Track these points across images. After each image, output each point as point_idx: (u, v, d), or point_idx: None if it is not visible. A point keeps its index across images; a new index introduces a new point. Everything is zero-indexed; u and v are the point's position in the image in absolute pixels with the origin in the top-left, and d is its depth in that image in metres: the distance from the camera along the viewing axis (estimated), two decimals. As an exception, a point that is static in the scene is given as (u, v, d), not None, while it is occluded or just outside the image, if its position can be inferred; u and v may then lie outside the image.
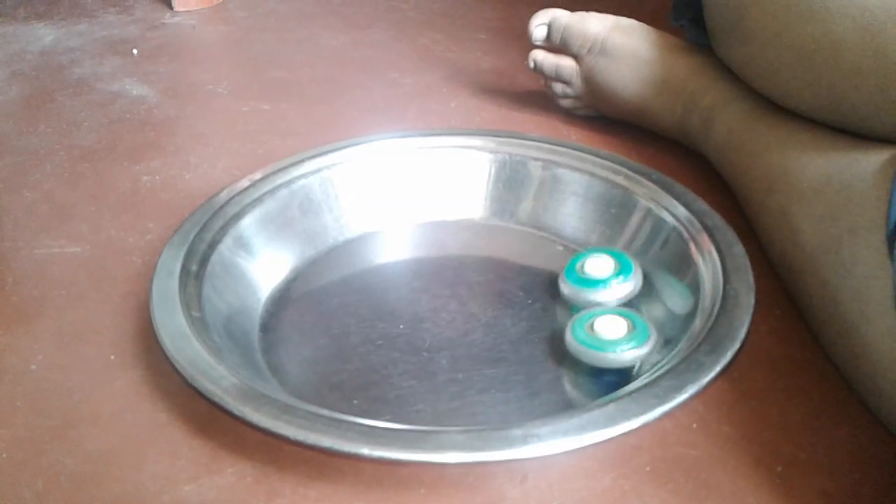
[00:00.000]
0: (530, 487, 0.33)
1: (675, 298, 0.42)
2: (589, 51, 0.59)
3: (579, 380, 0.39)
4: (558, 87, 0.63)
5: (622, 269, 0.43)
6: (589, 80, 0.60)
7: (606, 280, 0.42)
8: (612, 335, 0.39)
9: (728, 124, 0.51)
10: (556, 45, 0.61)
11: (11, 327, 0.43)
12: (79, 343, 0.42)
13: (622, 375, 0.39)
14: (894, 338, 0.33)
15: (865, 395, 0.36)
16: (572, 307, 0.43)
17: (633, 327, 0.39)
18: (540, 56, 0.62)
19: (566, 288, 0.43)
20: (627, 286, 0.43)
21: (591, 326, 0.40)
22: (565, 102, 0.64)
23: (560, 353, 0.40)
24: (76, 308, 0.44)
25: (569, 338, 0.40)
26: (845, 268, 0.37)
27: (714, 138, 0.52)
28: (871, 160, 0.39)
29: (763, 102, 0.49)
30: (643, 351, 0.38)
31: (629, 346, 0.38)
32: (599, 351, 0.39)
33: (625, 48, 0.58)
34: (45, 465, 0.35)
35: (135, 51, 0.81)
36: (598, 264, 0.43)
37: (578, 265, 0.44)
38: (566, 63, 0.61)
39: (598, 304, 0.42)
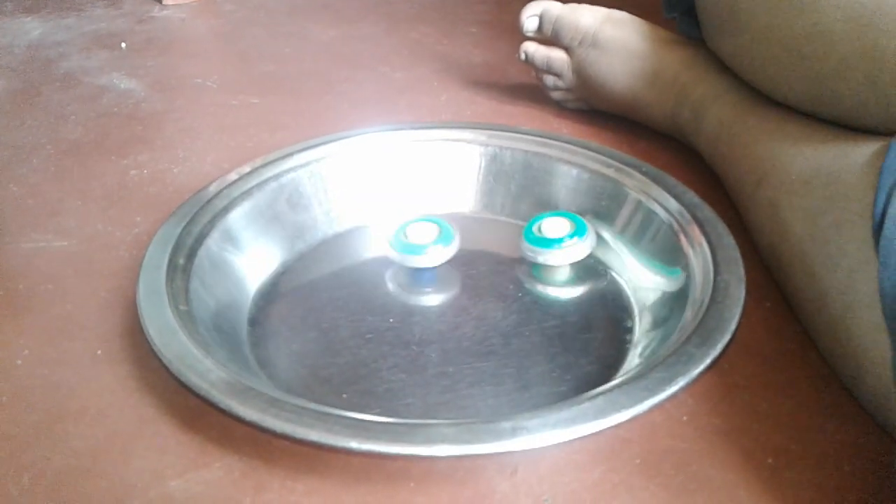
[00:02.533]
0: (520, 480, 0.33)
1: (665, 282, 0.42)
2: (580, 43, 0.59)
3: (570, 373, 0.39)
4: (549, 80, 0.63)
5: (577, 230, 0.45)
6: (580, 73, 0.60)
7: (561, 240, 0.45)
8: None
9: (719, 116, 0.51)
10: (547, 36, 0.61)
11: (-3, 322, 0.42)
12: (65, 338, 0.41)
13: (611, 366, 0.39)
14: (879, 331, 0.33)
15: (852, 387, 0.36)
16: (533, 267, 0.46)
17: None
18: (531, 48, 0.62)
19: (524, 247, 0.46)
20: (581, 246, 0.45)
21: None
22: (556, 95, 0.64)
23: (551, 347, 0.40)
24: (63, 302, 0.44)
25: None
26: (832, 260, 0.37)
27: (705, 131, 0.52)
28: (859, 152, 0.38)
29: (754, 94, 0.49)
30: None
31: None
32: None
33: (616, 41, 0.57)
34: (30, 460, 0.34)
35: (123, 44, 0.81)
36: (554, 225, 0.46)
37: (535, 226, 0.46)
38: (557, 55, 0.61)
39: (552, 265, 0.46)
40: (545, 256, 0.45)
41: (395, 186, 0.51)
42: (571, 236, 0.45)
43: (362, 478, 0.33)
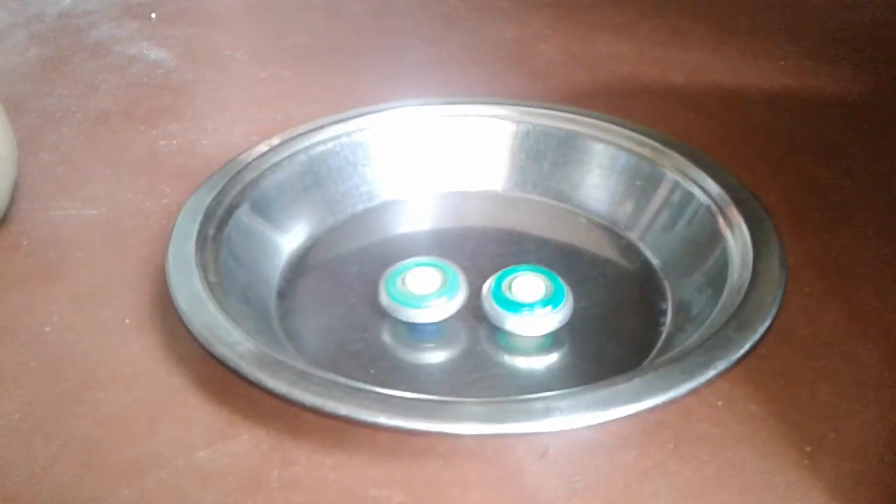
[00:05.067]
0: (551, 462, 0.33)
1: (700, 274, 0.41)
2: None
3: (602, 355, 0.38)
4: None
5: (552, 297, 0.39)
6: None
7: (532, 305, 0.38)
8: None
9: None
10: None
11: (26, 289, 0.42)
12: (94, 306, 0.41)
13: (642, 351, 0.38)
14: None
15: None
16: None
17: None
18: None
19: (487, 305, 0.39)
20: (554, 318, 0.39)
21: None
22: None
23: (582, 328, 0.40)
24: (92, 271, 0.44)
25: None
26: None
27: None
28: None
29: None
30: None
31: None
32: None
33: None
34: (58, 427, 0.34)
35: (153, 14, 0.80)
36: (527, 285, 0.39)
37: (506, 282, 0.40)
38: None
39: (517, 334, 0.39)
40: (511, 323, 0.38)
41: (426, 162, 0.50)
42: (545, 304, 0.38)
43: (390, 454, 0.33)
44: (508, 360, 0.38)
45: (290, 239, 0.45)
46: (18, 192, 0.50)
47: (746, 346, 0.33)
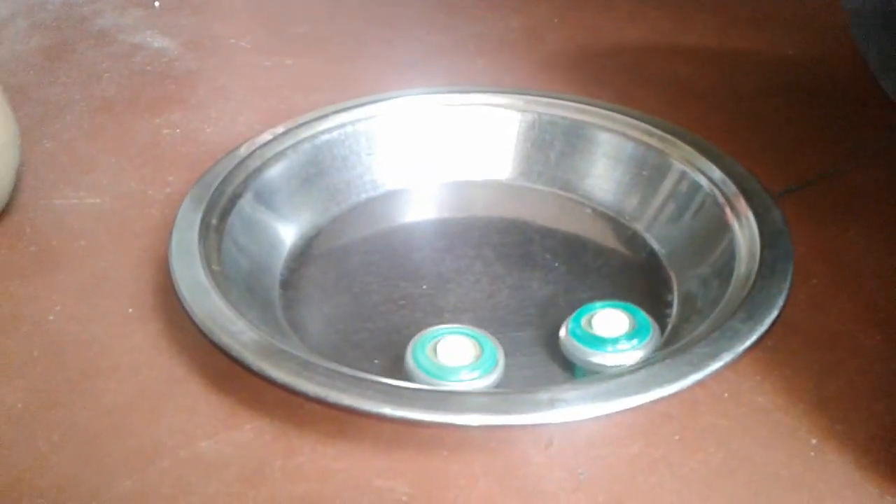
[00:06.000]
0: (555, 453, 0.32)
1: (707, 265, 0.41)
2: None
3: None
4: None
5: (637, 330, 0.37)
6: None
7: (616, 340, 0.36)
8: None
9: None
10: None
11: (29, 278, 0.42)
12: (97, 295, 0.41)
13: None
14: None
15: None
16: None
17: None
18: None
19: (568, 344, 0.37)
20: (638, 353, 0.36)
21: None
22: None
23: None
24: (95, 260, 0.43)
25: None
26: None
27: None
28: None
29: None
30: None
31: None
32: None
33: None
34: (61, 417, 0.34)
35: (157, 3, 0.80)
36: (608, 320, 0.37)
37: (585, 318, 0.37)
38: None
39: (601, 368, 0.36)
40: (592, 357, 0.36)
41: (431, 151, 0.50)
42: (630, 337, 0.36)
43: (394, 445, 0.33)
44: (513, 350, 0.38)
45: (293, 228, 0.45)
46: (21, 181, 0.50)
47: (753, 338, 0.33)
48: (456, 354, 0.35)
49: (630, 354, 0.36)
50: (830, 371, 0.36)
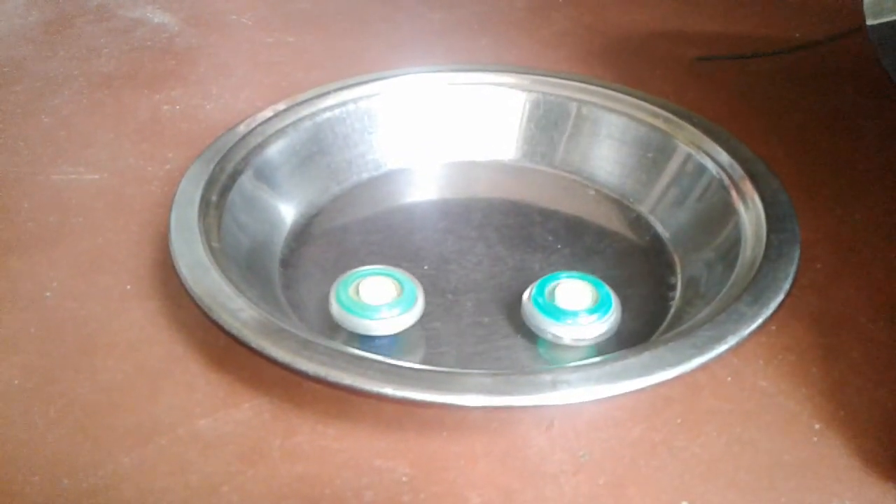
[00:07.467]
0: (556, 435, 0.32)
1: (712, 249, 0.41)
2: None
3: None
4: None
5: (599, 304, 0.36)
6: None
7: (576, 313, 0.36)
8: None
9: None
10: None
11: (27, 253, 0.42)
12: (95, 271, 0.41)
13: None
14: None
15: None
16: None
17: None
18: None
19: (528, 312, 0.37)
20: (599, 326, 0.36)
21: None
22: None
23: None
24: (93, 236, 0.43)
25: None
26: None
27: None
28: None
29: None
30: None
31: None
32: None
33: None
34: (57, 393, 0.34)
35: (157, -22, 0.79)
36: (572, 293, 0.37)
37: (549, 287, 0.37)
38: None
39: (561, 341, 0.36)
40: (552, 329, 0.36)
41: (434, 130, 0.49)
42: (591, 312, 0.36)
43: (394, 425, 0.32)
44: (515, 332, 0.37)
45: (294, 207, 0.44)
46: (19, 156, 0.50)
47: (758, 321, 0.32)
48: (377, 294, 0.36)
49: (590, 328, 0.36)
50: (834, 356, 0.36)
